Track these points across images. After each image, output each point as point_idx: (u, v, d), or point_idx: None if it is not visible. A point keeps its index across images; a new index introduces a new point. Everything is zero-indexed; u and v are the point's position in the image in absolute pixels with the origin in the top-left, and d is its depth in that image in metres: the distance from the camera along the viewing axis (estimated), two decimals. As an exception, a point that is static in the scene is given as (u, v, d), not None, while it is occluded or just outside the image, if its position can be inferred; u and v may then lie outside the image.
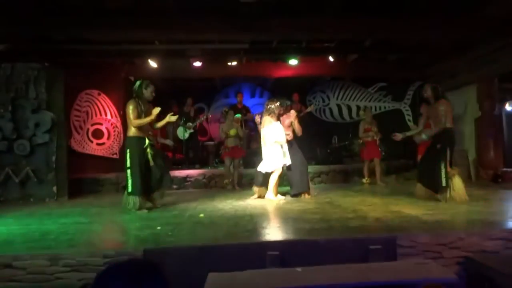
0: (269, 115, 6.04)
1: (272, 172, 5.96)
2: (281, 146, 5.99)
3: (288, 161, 6.02)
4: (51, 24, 6.02)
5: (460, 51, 7.71)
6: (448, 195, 5.10)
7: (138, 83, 5.28)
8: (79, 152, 8.34)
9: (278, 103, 6.03)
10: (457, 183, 5.20)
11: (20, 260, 3.08)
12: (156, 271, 1.13)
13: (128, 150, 5.14)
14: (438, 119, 5.24)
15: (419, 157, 7.65)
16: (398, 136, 5.69)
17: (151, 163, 5.12)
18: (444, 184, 5.07)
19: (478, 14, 6.20)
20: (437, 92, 5.37)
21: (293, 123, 6.22)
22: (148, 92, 5.20)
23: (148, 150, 5.11)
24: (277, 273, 2.91)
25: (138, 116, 5.09)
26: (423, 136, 5.59)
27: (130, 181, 5.05)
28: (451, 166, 5.21)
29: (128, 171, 5.07)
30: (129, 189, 5.06)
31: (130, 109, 5.08)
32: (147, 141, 5.13)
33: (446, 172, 5.10)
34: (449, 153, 5.17)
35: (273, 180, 5.99)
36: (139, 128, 5.11)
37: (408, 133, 5.97)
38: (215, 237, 3.65)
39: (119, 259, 3.09)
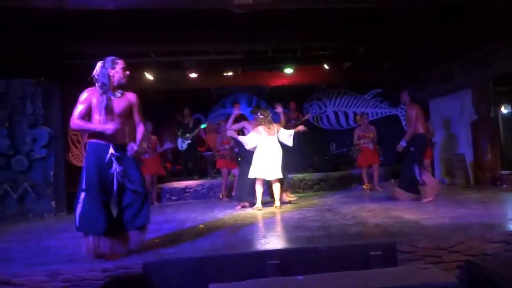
0: (274, 124, 6.13)
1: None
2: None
3: None
4: (47, 39, 6.02)
5: (454, 55, 7.76)
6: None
7: (98, 64, 3.64)
8: (77, 166, 8.32)
9: None
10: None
11: (19, 277, 3.07)
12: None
13: (85, 163, 3.44)
14: (410, 122, 5.85)
15: (426, 161, 7.60)
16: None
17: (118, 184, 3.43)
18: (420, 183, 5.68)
19: (471, 18, 6.26)
20: (411, 96, 5.96)
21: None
22: (117, 71, 3.63)
23: (114, 165, 3.38)
24: (278, 282, 2.90)
25: (88, 114, 3.50)
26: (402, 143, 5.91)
27: (79, 210, 3.34)
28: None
29: (82, 194, 3.35)
30: (77, 222, 3.35)
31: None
32: (111, 150, 3.38)
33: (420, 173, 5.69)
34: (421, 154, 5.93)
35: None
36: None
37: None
38: (215, 248, 3.64)
39: (117, 274, 3.09)
